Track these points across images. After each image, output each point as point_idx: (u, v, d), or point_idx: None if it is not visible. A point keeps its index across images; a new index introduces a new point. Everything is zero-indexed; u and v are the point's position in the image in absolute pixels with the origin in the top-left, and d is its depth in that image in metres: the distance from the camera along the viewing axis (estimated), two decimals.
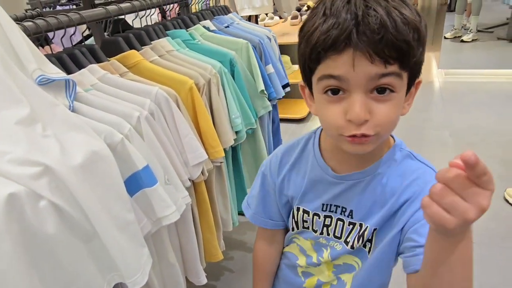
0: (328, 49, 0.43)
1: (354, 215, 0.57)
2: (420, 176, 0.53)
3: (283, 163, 0.63)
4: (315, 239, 0.63)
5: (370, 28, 0.41)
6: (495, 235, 1.62)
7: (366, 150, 0.48)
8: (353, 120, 0.45)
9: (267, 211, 0.67)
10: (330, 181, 0.58)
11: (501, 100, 2.92)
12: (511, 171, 2.03)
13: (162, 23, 1.20)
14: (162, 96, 0.82)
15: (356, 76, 0.43)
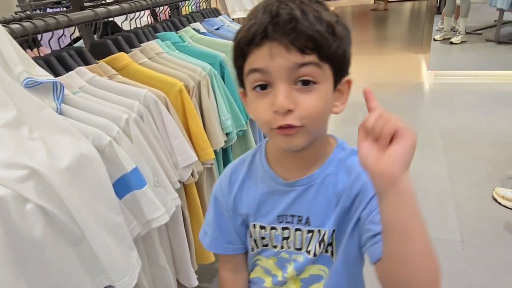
0: (249, 44, 0.46)
1: (311, 222, 0.56)
2: (353, 165, 0.55)
3: (232, 181, 0.62)
4: (276, 255, 0.61)
5: (282, 20, 0.44)
6: (485, 235, 1.63)
7: (297, 144, 0.49)
8: (277, 110, 0.46)
9: (224, 236, 0.65)
10: (281, 190, 0.57)
11: (490, 101, 2.96)
12: (500, 171, 2.06)
13: (152, 25, 1.20)
14: (151, 98, 0.82)
15: (276, 66, 0.46)
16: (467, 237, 1.63)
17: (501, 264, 1.48)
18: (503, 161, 2.14)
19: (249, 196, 0.60)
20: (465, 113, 2.79)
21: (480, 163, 2.16)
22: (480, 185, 1.96)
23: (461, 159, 2.22)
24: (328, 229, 0.56)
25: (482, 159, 2.19)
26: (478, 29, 4.88)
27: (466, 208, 1.81)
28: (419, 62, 4.13)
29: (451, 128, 2.58)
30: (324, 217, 0.56)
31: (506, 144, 2.32)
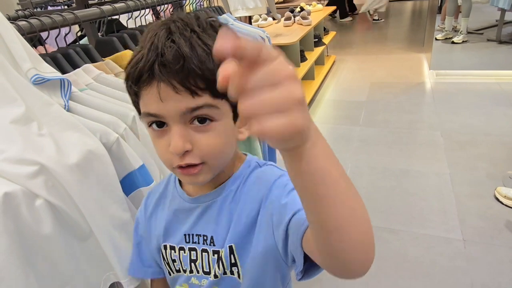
0: (137, 82, 0.43)
1: (215, 241, 0.53)
2: (262, 177, 0.52)
3: (148, 203, 0.62)
4: (187, 281, 0.58)
5: (168, 59, 0.41)
6: (485, 234, 1.64)
7: (202, 181, 0.48)
8: (173, 152, 0.44)
9: (144, 259, 0.63)
10: (187, 207, 0.55)
11: (490, 100, 2.97)
12: (500, 170, 2.06)
13: None
14: None
15: (167, 110, 0.43)
16: (469, 235, 1.63)
17: (503, 263, 1.49)
18: (504, 160, 2.14)
19: (162, 216, 0.58)
20: (466, 112, 2.79)
21: (481, 162, 2.17)
22: (481, 184, 1.97)
23: (463, 158, 2.23)
24: (231, 247, 0.52)
25: (483, 158, 2.20)
26: (479, 29, 4.87)
27: (468, 207, 1.82)
28: (420, 62, 4.14)
29: (453, 127, 2.59)
30: (226, 234, 0.52)
31: (507, 144, 2.32)
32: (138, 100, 0.46)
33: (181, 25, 0.43)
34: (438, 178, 2.07)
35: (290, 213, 0.44)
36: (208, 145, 0.45)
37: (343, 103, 3.31)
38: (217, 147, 0.46)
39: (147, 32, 0.44)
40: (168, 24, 0.43)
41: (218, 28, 0.46)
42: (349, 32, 6.06)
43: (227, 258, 0.52)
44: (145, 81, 0.43)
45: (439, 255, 1.54)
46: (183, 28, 0.43)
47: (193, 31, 0.43)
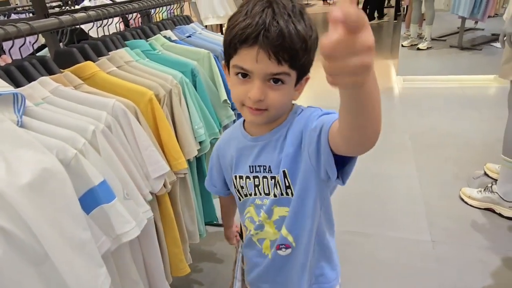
0: (242, 42, 0.58)
1: (272, 169, 0.70)
2: (302, 116, 0.68)
3: (221, 141, 0.80)
4: (253, 202, 0.75)
5: (272, 35, 0.56)
6: (454, 234, 1.69)
7: (260, 121, 0.65)
8: (252, 98, 0.60)
9: (212, 180, 0.85)
10: (249, 145, 0.72)
11: (454, 104, 3.10)
12: (465, 171, 2.15)
13: (121, 33, 1.17)
14: (119, 109, 0.80)
15: (258, 69, 0.59)
16: (438, 236, 1.68)
17: (471, 262, 1.54)
18: (468, 162, 2.24)
19: (231, 153, 0.75)
20: (432, 116, 2.90)
21: (447, 164, 2.25)
22: (448, 185, 2.04)
23: (430, 160, 2.30)
24: (285, 172, 0.68)
25: (449, 160, 2.28)
26: (442, 35, 5.11)
27: (436, 208, 1.88)
28: (388, 68, 4.27)
29: (420, 130, 2.68)
30: (280, 163, 0.68)
31: (470, 145, 2.43)
32: (233, 55, 0.61)
33: (281, 8, 0.57)
34: (407, 181, 2.12)
35: (318, 129, 0.60)
36: (275, 100, 0.61)
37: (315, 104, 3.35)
38: (280, 103, 0.63)
39: (253, 3, 0.58)
40: (271, 3, 0.58)
41: (304, 13, 0.60)
42: None
43: (282, 181, 0.68)
44: (248, 43, 0.57)
45: (410, 257, 1.58)
46: (283, 12, 0.57)
47: (289, 16, 0.57)
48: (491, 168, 2.10)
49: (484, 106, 3.04)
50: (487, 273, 1.47)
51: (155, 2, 1.36)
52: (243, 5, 0.60)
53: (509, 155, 1.69)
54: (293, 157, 0.67)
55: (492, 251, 1.58)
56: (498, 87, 3.36)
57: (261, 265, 0.80)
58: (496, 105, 2.99)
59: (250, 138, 0.72)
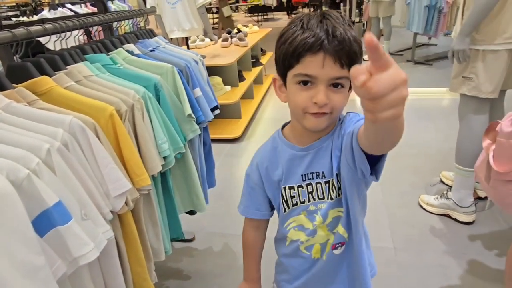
0: (307, 51, 0.62)
1: (326, 174, 0.74)
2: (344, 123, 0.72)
3: (260, 160, 0.81)
4: (305, 209, 0.77)
5: (336, 39, 0.61)
6: (414, 241, 1.77)
7: (323, 125, 0.68)
8: (318, 103, 0.64)
9: (254, 203, 0.84)
10: (299, 155, 0.75)
11: (411, 115, 3.27)
12: (423, 179, 2.26)
13: (80, 46, 1.14)
14: (77, 125, 0.77)
15: (323, 74, 0.62)
16: (399, 243, 1.75)
17: (430, 266, 1.61)
18: (425, 170, 2.36)
19: (278, 166, 0.78)
20: None
21: (406, 173, 2.35)
22: (407, 194, 2.14)
23: (390, 170, 2.40)
24: (333, 176, 0.73)
25: (407, 169, 2.39)
26: (399, 50, 5.41)
27: (397, 216, 1.95)
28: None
29: None
30: (332, 169, 0.73)
31: (427, 155, 2.57)
32: (295, 64, 0.64)
33: (336, 19, 0.63)
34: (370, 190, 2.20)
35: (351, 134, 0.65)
36: (338, 102, 0.65)
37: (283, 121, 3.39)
38: (342, 104, 0.67)
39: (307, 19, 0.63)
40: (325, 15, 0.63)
41: (351, 24, 0.65)
42: None
43: (337, 184, 0.73)
44: (313, 51, 0.61)
45: None
46: (339, 22, 0.62)
47: (343, 24, 0.62)
48: (446, 175, 2.22)
49: (438, 117, 3.24)
50: (447, 276, 1.54)
51: (117, 16, 1.33)
52: (293, 22, 0.66)
53: (462, 163, 1.80)
54: (340, 160, 0.72)
55: (450, 255, 1.66)
56: (451, 99, 3.59)
57: (311, 271, 0.82)
58: (449, 116, 3.18)
59: (300, 148, 0.75)
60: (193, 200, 1.42)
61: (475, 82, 1.64)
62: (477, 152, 1.83)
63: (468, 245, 1.72)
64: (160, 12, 2.83)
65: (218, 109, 1.53)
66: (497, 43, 1.53)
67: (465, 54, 1.60)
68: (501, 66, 1.58)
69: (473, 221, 1.84)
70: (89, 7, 3.68)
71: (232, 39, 3.72)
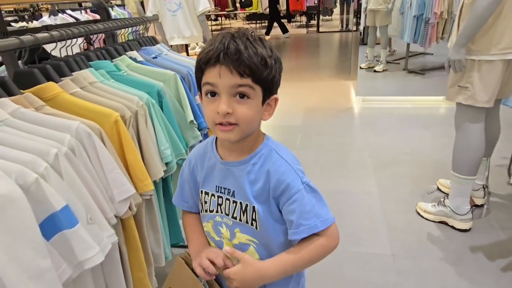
0: (206, 63, 0.65)
1: (235, 195, 0.75)
2: (283, 173, 0.72)
3: (191, 157, 0.83)
4: (212, 219, 0.79)
5: (230, 51, 0.63)
6: (412, 247, 1.77)
7: (232, 137, 0.68)
8: (219, 112, 0.65)
9: (183, 196, 0.86)
10: (219, 166, 0.76)
11: (408, 123, 3.31)
12: (420, 186, 2.28)
13: (84, 53, 1.15)
14: (83, 131, 0.79)
15: (222, 83, 0.64)
16: (397, 250, 1.76)
17: (428, 273, 1.61)
18: (423, 177, 2.38)
19: (202, 168, 0.80)
20: (389, 135, 3.07)
21: (403, 180, 2.37)
22: (405, 200, 2.15)
23: (388, 177, 2.42)
24: (250, 204, 0.74)
25: (405, 176, 2.41)
26: (396, 59, 5.47)
27: (394, 223, 1.97)
28: (348, 88, 4.48)
29: (379, 149, 2.82)
30: (246, 194, 0.73)
31: (424, 162, 2.59)
32: (201, 75, 0.67)
33: (240, 34, 0.65)
34: (368, 197, 2.21)
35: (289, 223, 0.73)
36: (243, 113, 0.66)
37: (280, 128, 3.43)
38: (248, 116, 0.67)
39: (218, 35, 0.66)
40: (231, 33, 0.66)
41: (264, 40, 0.67)
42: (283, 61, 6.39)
43: (250, 214, 0.74)
44: (212, 63, 0.64)
45: (372, 271, 1.63)
46: (241, 36, 0.65)
47: (247, 39, 0.65)
48: (443, 183, 2.24)
49: (434, 125, 3.27)
50: (444, 283, 1.55)
51: (121, 23, 1.36)
52: (209, 40, 0.68)
53: (458, 171, 1.83)
54: (265, 201, 0.73)
55: (447, 262, 1.67)
56: (447, 108, 3.63)
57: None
58: (445, 124, 3.23)
59: (221, 161, 0.76)
60: None
61: (471, 92, 1.67)
62: (473, 159, 1.87)
63: (465, 252, 1.73)
64: (160, 19, 2.86)
65: None
66: (492, 53, 1.57)
67: (461, 64, 1.63)
68: (496, 75, 1.61)
69: (469, 228, 1.86)
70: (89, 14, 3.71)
71: None
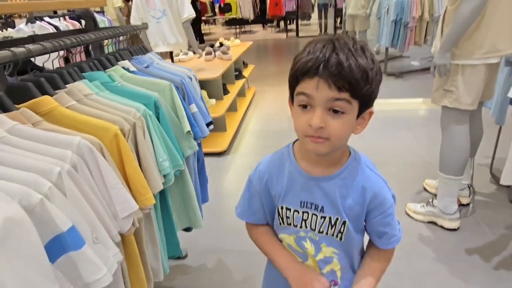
0: (304, 74, 0.63)
1: (325, 210, 0.74)
2: (380, 189, 0.74)
3: (264, 170, 0.80)
4: (296, 233, 0.78)
5: (331, 65, 0.60)
6: (405, 249, 1.80)
7: (322, 151, 0.67)
8: (312, 125, 0.63)
9: (251, 209, 0.84)
10: (303, 181, 0.74)
11: (391, 125, 3.38)
12: (408, 187, 2.33)
13: (77, 64, 1.12)
14: (85, 146, 0.76)
15: (318, 96, 0.62)
16: None
17: (421, 274, 1.64)
18: (410, 179, 2.43)
19: (280, 182, 0.77)
20: (374, 137, 3.12)
21: (391, 182, 2.40)
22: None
23: None
24: (339, 217, 0.73)
25: (393, 178, 2.46)
26: None
27: None
28: None
29: (365, 151, 2.85)
30: (338, 209, 0.73)
31: (409, 163, 2.65)
32: (296, 85, 0.65)
33: (342, 44, 0.62)
34: None
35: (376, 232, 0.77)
36: (336, 128, 0.64)
37: (267, 132, 3.44)
38: (341, 132, 0.65)
39: (315, 42, 0.64)
40: (333, 41, 0.62)
41: (366, 49, 0.64)
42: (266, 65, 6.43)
43: (339, 227, 0.74)
44: (310, 75, 0.62)
45: None
46: (343, 47, 0.61)
47: (349, 50, 0.61)
48: (429, 183, 2.30)
49: (416, 126, 3.37)
50: (437, 283, 1.59)
51: (112, 32, 1.32)
52: (307, 45, 0.66)
53: (445, 171, 1.88)
54: (357, 214, 0.74)
55: (440, 261, 1.71)
56: (426, 109, 3.75)
57: None
58: (426, 125, 3.32)
59: (307, 176, 0.74)
60: (190, 217, 1.40)
61: (455, 95, 1.73)
62: (460, 160, 1.93)
63: (456, 251, 1.78)
64: None
65: (212, 124, 1.54)
66: (475, 57, 1.63)
67: (446, 68, 1.69)
68: (479, 79, 1.67)
69: (458, 227, 1.91)
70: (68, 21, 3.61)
71: (216, 52, 3.75)
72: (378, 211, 0.73)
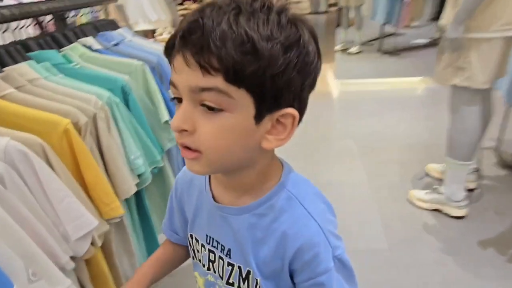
0: (167, 54, 0.43)
1: (232, 255, 0.52)
2: (309, 239, 0.48)
3: (179, 185, 0.60)
4: (204, 276, 0.58)
5: (189, 32, 0.38)
6: (403, 238, 1.69)
7: (197, 171, 0.45)
8: (171, 126, 0.43)
9: (172, 225, 0.65)
10: (211, 210, 0.53)
11: (388, 106, 3.21)
12: (410, 172, 2.20)
13: (21, 42, 0.90)
14: (15, 150, 0.56)
15: (179, 81, 0.41)
16: (393, 242, 1.67)
17: (426, 265, 1.54)
18: (411, 163, 2.29)
19: (191, 202, 0.57)
20: (372, 119, 2.97)
21: (392, 166, 2.28)
22: (396, 188, 2.07)
23: (376, 164, 2.32)
24: (252, 273, 0.51)
25: (393, 162, 2.32)
26: (370, 40, 5.39)
27: (388, 213, 1.88)
28: (327, 72, 4.35)
29: (363, 134, 2.71)
30: (246, 259, 0.51)
31: (409, 146, 2.51)
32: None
33: (244, 2, 0.39)
34: (358, 187, 2.11)
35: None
36: (208, 134, 0.41)
37: None
38: (218, 141, 0.41)
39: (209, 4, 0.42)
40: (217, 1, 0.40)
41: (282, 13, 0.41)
42: None
43: (253, 284, 0.51)
44: (170, 53, 0.42)
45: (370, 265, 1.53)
46: (230, 3, 0.39)
47: (235, 8, 0.38)
48: (432, 168, 2.17)
49: (414, 107, 3.22)
50: (444, 274, 1.49)
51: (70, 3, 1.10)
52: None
53: (454, 156, 1.74)
54: (274, 272, 0.50)
55: (446, 252, 1.60)
56: (424, 89, 3.59)
57: None
58: (424, 106, 3.17)
59: (213, 203, 0.52)
60: None
61: (468, 73, 1.57)
62: (470, 144, 1.78)
63: (463, 240, 1.67)
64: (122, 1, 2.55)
65: None
66: (492, 30, 1.45)
67: (459, 43, 1.51)
68: (495, 55, 1.51)
69: (465, 215, 1.79)
70: None
71: None
72: (305, 274, 0.48)
